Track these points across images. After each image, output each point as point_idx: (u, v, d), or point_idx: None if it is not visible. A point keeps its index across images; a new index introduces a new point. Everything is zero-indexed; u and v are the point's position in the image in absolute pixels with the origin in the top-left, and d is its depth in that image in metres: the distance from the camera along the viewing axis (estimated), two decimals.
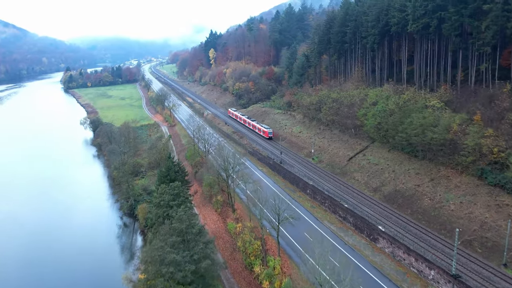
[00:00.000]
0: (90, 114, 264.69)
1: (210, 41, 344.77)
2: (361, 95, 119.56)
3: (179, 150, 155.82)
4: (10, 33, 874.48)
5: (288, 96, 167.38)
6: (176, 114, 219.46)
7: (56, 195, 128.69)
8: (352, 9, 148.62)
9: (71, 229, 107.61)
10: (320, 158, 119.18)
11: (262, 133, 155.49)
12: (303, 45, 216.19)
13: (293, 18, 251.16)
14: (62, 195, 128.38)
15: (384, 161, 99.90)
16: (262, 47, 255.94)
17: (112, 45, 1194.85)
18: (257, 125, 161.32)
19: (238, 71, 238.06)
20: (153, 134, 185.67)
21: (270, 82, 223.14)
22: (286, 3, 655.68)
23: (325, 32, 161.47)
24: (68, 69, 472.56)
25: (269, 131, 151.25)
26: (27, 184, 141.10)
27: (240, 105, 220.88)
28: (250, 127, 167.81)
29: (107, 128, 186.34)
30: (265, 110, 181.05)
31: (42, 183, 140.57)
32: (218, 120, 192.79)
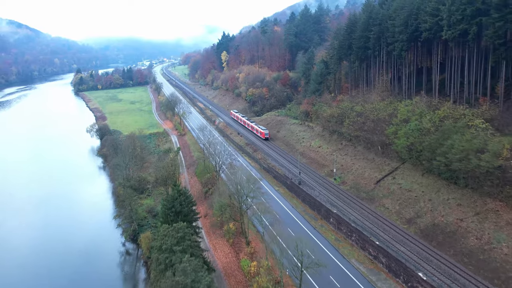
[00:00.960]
0: (98, 119, 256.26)
1: (223, 43, 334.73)
2: (389, 109, 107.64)
3: (188, 164, 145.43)
4: (23, 34, 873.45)
5: (306, 106, 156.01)
6: (187, 121, 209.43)
7: (55, 215, 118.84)
8: (376, 13, 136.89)
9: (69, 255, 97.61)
10: (343, 179, 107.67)
11: (259, 134, 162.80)
12: (321, 50, 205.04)
13: (309, 20, 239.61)
14: (61, 215, 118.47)
15: (418, 187, 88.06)
16: (276, 51, 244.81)
17: (125, 46, 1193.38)
18: (255, 126, 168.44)
19: (252, 76, 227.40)
20: (162, 144, 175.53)
21: (285, 88, 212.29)
22: (300, 3, 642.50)
23: (346, 37, 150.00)
24: (79, 71, 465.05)
25: (266, 132, 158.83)
26: (23, 203, 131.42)
27: (253, 112, 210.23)
28: (249, 128, 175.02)
29: (113, 138, 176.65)
30: (280, 120, 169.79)
31: (40, 201, 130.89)
32: (230, 129, 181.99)
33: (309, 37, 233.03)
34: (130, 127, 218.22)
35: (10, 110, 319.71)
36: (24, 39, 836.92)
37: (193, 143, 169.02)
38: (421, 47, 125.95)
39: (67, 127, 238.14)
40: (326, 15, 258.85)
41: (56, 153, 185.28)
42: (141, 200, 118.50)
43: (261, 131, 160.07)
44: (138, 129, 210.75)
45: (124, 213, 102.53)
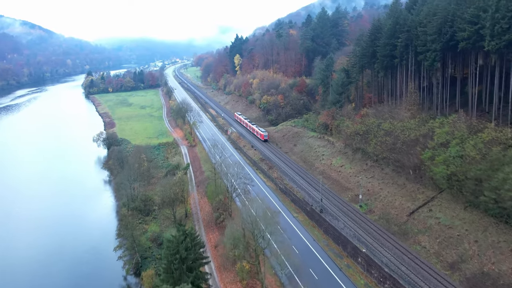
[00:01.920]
0: (107, 126, 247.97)
1: (236, 46, 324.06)
2: (423, 129, 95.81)
3: (198, 181, 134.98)
4: (37, 34, 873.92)
5: (325, 117, 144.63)
6: (198, 130, 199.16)
7: (52, 240, 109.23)
8: (403, 18, 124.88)
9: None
10: (370, 207, 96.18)
11: (259, 135, 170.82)
12: (340, 55, 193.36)
13: (327, 23, 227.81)
14: (59, 240, 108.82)
15: (460, 223, 76.33)
16: (292, 56, 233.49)
17: (138, 46, 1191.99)
18: (256, 128, 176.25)
19: (266, 83, 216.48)
20: (171, 157, 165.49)
21: (302, 96, 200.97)
22: (315, 3, 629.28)
23: (369, 44, 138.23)
24: (90, 74, 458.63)
25: (265, 135, 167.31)
26: (19, 222, 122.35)
27: (268, 121, 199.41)
28: (251, 130, 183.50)
29: (120, 150, 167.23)
30: (297, 132, 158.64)
31: (37, 222, 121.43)
32: (243, 141, 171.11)
33: (327, 41, 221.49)
34: (139, 135, 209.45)
35: (17, 114, 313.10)
36: (37, 40, 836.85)
37: (204, 156, 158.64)
38: (456, 56, 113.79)
39: (75, 135, 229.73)
40: (344, 18, 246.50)
41: (60, 164, 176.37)
42: (146, 225, 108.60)
43: (261, 133, 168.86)
44: (146, 137, 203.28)
45: (125, 244, 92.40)
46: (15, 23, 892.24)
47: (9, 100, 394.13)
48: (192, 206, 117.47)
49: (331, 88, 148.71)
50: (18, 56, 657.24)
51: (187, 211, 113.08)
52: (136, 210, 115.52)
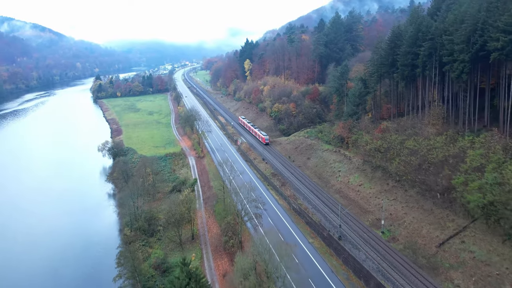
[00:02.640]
0: (114, 133, 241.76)
1: (246, 51, 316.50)
2: (453, 150, 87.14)
3: (206, 197, 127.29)
4: (47, 37, 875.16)
5: (341, 130, 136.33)
6: (206, 139, 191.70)
7: (48, 264, 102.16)
8: (426, 25, 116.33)
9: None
10: (394, 234, 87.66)
11: (260, 139, 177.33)
12: (355, 62, 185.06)
13: (341, 28, 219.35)
14: (55, 263, 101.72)
15: (498, 260, 67.76)
16: (304, 62, 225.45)
17: (148, 49, 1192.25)
18: (257, 132, 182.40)
19: (278, 90, 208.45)
20: (178, 169, 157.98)
21: (314, 104, 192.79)
22: (326, 6, 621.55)
23: (389, 52, 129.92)
24: (98, 78, 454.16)
25: (266, 138, 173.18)
26: (15, 240, 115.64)
27: (279, 130, 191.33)
28: (253, 133, 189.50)
29: (125, 161, 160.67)
30: (310, 144, 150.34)
31: (34, 240, 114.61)
32: (254, 153, 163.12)
33: (340, 47, 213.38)
34: (146, 144, 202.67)
35: (23, 120, 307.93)
36: (47, 43, 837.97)
37: (212, 169, 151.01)
38: (486, 67, 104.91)
39: (81, 142, 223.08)
40: (358, 23, 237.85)
41: (63, 175, 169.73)
42: (150, 248, 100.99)
43: (262, 136, 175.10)
44: (153, 146, 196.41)
45: (126, 274, 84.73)
46: (26, 26, 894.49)
47: (16, 104, 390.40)
48: (199, 226, 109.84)
49: (347, 98, 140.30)
50: (28, 59, 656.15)
51: (194, 233, 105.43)
52: (140, 230, 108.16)
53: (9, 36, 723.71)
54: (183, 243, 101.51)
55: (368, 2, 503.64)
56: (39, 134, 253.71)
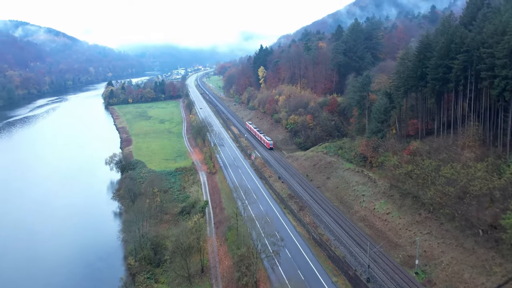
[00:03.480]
0: (123, 142, 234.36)
1: (260, 57, 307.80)
2: (499, 182, 76.27)
3: (218, 221, 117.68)
4: (61, 42, 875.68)
5: (364, 148, 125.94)
6: (218, 152, 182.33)
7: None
8: (461, 36, 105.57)
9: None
10: (430, 276, 76.90)
11: (265, 143, 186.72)
12: (376, 72, 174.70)
13: (360, 35, 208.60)
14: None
15: None
16: (322, 71, 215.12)
17: (161, 53, 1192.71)
18: (263, 137, 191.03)
19: (294, 101, 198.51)
20: (188, 187, 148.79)
21: (333, 116, 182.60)
22: (341, 10, 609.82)
23: (417, 64, 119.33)
24: (110, 83, 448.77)
25: (270, 143, 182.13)
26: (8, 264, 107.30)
27: (295, 144, 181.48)
28: (258, 138, 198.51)
29: (132, 177, 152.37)
30: (330, 162, 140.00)
31: (26, 267, 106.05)
32: (269, 169, 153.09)
33: (360, 55, 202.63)
34: (156, 156, 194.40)
35: (32, 127, 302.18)
36: (61, 47, 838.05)
37: (224, 187, 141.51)
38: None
39: (88, 153, 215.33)
40: (379, 29, 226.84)
41: (68, 190, 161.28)
42: (155, 283, 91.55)
43: (267, 141, 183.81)
44: (163, 159, 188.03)
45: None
46: (40, 31, 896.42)
47: (27, 110, 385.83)
48: (209, 256, 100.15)
49: (371, 114, 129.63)
50: (41, 64, 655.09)
51: (204, 264, 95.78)
52: (145, 260, 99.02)
53: (23, 41, 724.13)
54: (192, 277, 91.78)
55: (385, 7, 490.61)
56: (47, 143, 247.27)
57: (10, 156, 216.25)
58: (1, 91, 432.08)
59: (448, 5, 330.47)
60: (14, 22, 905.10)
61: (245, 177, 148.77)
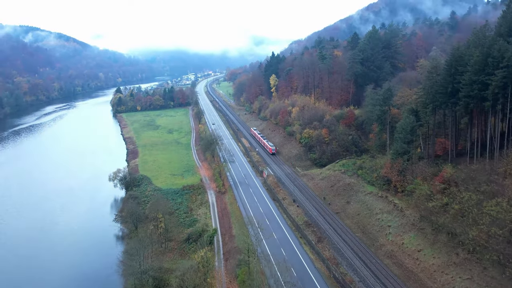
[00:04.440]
0: (129, 155, 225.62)
1: (272, 65, 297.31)
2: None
3: (227, 251, 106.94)
4: (71, 47, 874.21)
5: (388, 171, 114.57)
6: (228, 168, 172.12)
7: None
8: (499, 49, 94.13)
9: None
10: None
11: (267, 149, 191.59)
12: (396, 83, 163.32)
13: (378, 44, 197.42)
14: None
15: None
16: (338, 81, 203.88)
17: (172, 58, 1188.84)
18: (265, 142, 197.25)
19: (308, 113, 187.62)
20: (195, 208, 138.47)
21: (350, 130, 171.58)
22: (354, 15, 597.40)
23: (448, 80, 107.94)
24: (119, 90, 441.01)
25: (273, 149, 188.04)
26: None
27: (310, 160, 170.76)
28: (262, 144, 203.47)
29: (135, 197, 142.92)
30: (349, 183, 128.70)
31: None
32: (283, 191, 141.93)
33: (378, 65, 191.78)
34: (163, 171, 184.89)
35: (37, 137, 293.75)
36: (71, 52, 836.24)
37: (234, 210, 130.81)
38: None
39: (94, 166, 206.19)
40: (398, 37, 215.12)
41: (69, 209, 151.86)
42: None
43: (270, 147, 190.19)
44: (170, 174, 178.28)
45: None
46: (50, 36, 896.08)
47: (34, 118, 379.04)
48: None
49: (396, 133, 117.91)
50: (50, 69, 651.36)
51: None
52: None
53: (32, 46, 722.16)
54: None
55: (400, 12, 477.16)
56: (50, 155, 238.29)
57: (10, 170, 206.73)
58: (9, 98, 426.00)
59: (467, 11, 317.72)
60: (24, 27, 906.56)
61: (257, 198, 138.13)
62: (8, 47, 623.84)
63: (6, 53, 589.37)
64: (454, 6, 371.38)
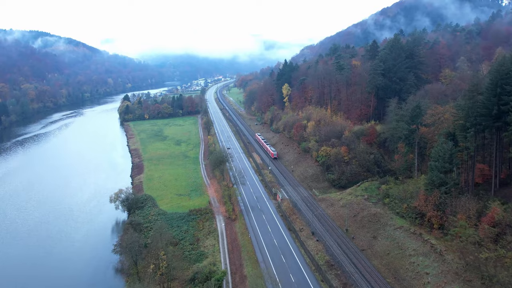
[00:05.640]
0: (134, 169, 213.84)
1: (284, 74, 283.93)
2: None
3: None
4: (80, 52, 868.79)
5: (422, 204, 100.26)
6: (239, 192, 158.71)
7: None
8: None
9: None
10: None
11: (269, 153, 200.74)
12: (421, 96, 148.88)
13: (401, 53, 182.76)
14: None
15: None
16: (357, 94, 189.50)
17: (181, 63, 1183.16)
18: (268, 147, 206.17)
19: (325, 129, 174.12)
20: (203, 238, 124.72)
21: (372, 149, 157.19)
22: (367, 20, 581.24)
23: (492, 100, 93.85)
24: (126, 98, 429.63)
25: (274, 154, 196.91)
26: None
27: (328, 180, 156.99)
28: (264, 148, 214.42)
29: (137, 224, 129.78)
30: (375, 214, 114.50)
31: None
32: (299, 220, 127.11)
33: (401, 76, 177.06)
34: (168, 190, 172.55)
35: (40, 148, 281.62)
36: (80, 58, 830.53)
37: (246, 243, 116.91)
38: None
39: (96, 184, 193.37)
40: (421, 46, 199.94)
41: (64, 234, 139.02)
42: None
43: (271, 151, 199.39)
44: (176, 194, 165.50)
45: None
46: (60, 41, 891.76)
47: (39, 127, 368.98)
48: None
49: (431, 161, 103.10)
50: (59, 75, 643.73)
51: None
52: None
53: (41, 52, 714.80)
54: None
55: (418, 17, 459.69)
56: (52, 169, 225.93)
57: (7, 188, 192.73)
58: (15, 106, 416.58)
59: (491, 16, 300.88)
60: (34, 32, 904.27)
61: (270, 227, 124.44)
62: (16, 52, 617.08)
63: (14, 59, 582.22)
64: (474, 9, 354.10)
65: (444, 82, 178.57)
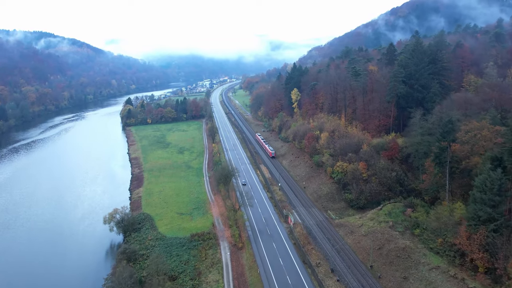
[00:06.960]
0: (133, 181, 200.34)
1: (293, 78, 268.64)
2: None
3: None
4: (84, 53, 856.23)
5: (464, 242, 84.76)
6: (247, 211, 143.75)
7: None
8: None
9: None
10: None
11: (268, 152, 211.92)
12: (450, 108, 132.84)
13: (424, 58, 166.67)
14: None
15: None
16: (375, 103, 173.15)
17: (186, 63, 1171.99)
18: (267, 147, 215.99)
19: (340, 142, 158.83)
20: (205, 270, 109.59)
21: (394, 165, 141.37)
22: (377, 20, 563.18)
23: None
24: (129, 102, 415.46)
25: (272, 152, 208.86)
26: None
27: (345, 200, 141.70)
28: (263, 148, 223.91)
29: (132, 253, 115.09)
30: (404, 247, 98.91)
31: None
32: (315, 251, 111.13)
33: (424, 84, 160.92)
34: (169, 207, 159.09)
35: (36, 156, 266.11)
36: (84, 59, 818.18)
37: (254, 280, 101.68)
38: None
39: (90, 200, 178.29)
40: (445, 50, 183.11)
41: (49, 271, 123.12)
42: None
43: (270, 151, 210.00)
44: (177, 213, 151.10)
45: None
46: (63, 42, 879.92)
47: (38, 132, 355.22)
48: None
49: (476, 191, 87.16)
50: (62, 77, 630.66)
51: None
52: None
53: (44, 53, 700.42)
54: None
55: (432, 17, 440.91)
56: (46, 181, 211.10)
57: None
58: (15, 109, 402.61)
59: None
60: (37, 33, 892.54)
61: (282, 259, 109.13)
62: (18, 54, 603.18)
63: (16, 61, 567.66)
64: (492, 9, 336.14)
65: (469, 89, 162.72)
